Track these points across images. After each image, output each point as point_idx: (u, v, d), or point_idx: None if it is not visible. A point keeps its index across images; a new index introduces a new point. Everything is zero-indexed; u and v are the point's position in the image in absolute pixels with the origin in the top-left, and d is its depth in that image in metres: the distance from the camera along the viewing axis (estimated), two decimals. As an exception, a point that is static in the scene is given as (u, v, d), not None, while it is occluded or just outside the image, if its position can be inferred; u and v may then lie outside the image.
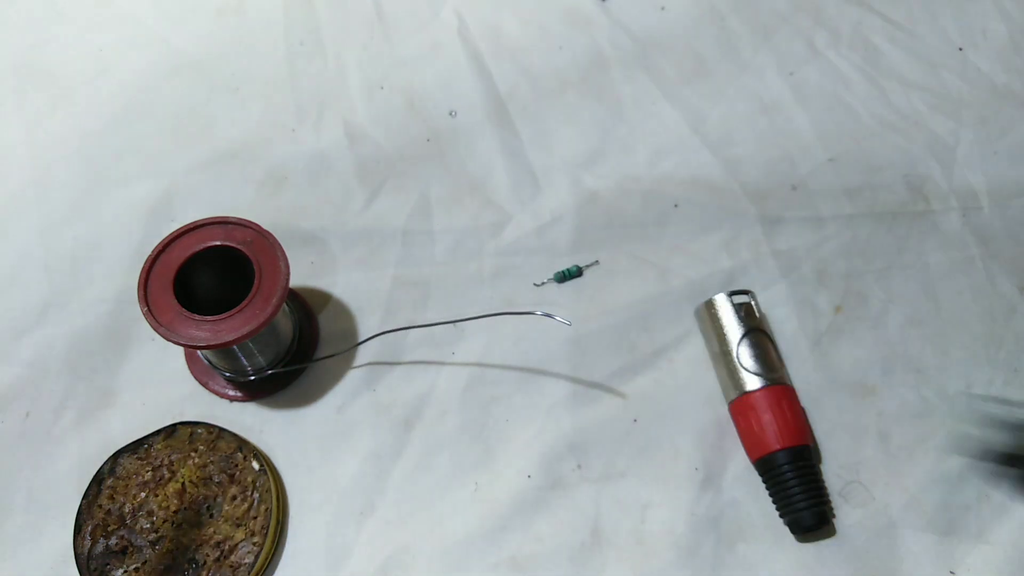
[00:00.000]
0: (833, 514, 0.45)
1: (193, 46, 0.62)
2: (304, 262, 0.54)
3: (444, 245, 0.54)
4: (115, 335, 0.51)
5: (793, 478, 0.44)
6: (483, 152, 0.58)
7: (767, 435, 0.45)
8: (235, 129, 0.59)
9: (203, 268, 0.45)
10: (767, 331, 0.48)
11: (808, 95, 0.60)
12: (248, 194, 0.56)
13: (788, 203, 0.56)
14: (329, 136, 0.58)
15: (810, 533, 0.45)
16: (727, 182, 0.57)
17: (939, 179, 0.57)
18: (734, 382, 0.47)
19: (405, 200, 0.56)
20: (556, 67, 0.61)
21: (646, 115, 0.59)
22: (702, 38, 0.63)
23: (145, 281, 0.44)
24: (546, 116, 0.59)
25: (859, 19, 0.63)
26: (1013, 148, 0.58)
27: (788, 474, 0.44)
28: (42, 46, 0.62)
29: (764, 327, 0.48)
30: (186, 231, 0.45)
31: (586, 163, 0.57)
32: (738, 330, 0.48)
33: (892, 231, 0.55)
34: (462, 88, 0.60)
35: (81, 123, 0.59)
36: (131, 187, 0.56)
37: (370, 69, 0.61)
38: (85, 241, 0.55)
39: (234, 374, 0.49)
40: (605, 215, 0.55)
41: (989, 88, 0.60)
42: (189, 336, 0.43)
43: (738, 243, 0.54)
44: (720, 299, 0.49)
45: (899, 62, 0.61)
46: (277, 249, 0.45)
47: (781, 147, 0.58)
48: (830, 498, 0.46)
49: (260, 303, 0.43)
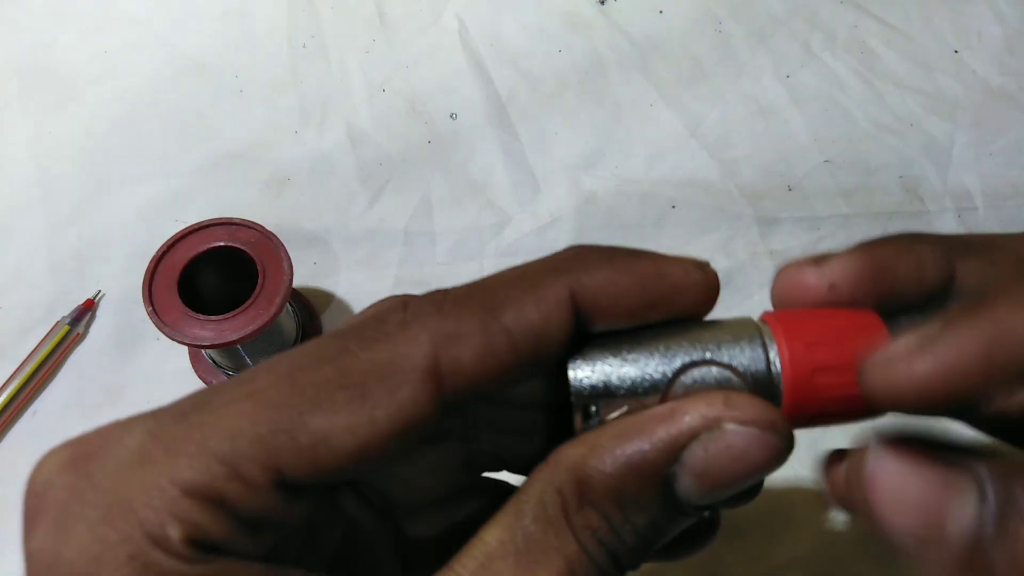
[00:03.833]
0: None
1: (198, 49, 0.63)
2: (307, 262, 0.54)
3: (445, 246, 0.55)
4: (120, 334, 0.52)
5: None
6: (483, 154, 0.59)
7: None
8: (239, 131, 0.59)
9: (207, 268, 0.46)
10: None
11: (804, 97, 0.61)
12: (252, 195, 0.57)
13: (784, 204, 0.56)
14: (332, 138, 0.59)
15: None
16: (724, 183, 0.57)
17: (934, 180, 0.57)
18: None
19: (407, 201, 0.57)
20: (555, 70, 0.62)
21: (644, 118, 0.60)
22: (699, 41, 0.63)
23: (150, 281, 0.44)
24: (545, 118, 0.60)
25: (855, 22, 0.64)
26: (1008, 149, 0.59)
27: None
28: (47, 48, 0.63)
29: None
30: (191, 232, 0.46)
31: (585, 165, 0.58)
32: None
33: (888, 231, 0.55)
34: (463, 91, 0.61)
35: (86, 124, 0.60)
36: (136, 188, 0.57)
37: (372, 72, 0.62)
38: (90, 241, 0.55)
39: (238, 373, 0.49)
40: (603, 216, 0.56)
41: (984, 90, 0.61)
42: (193, 336, 0.43)
43: (735, 244, 0.55)
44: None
45: (894, 64, 0.62)
46: (280, 250, 0.45)
47: (777, 149, 0.58)
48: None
49: (264, 303, 0.44)
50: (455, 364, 0.19)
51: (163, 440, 0.18)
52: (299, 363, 0.19)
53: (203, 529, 0.17)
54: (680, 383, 0.20)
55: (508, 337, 0.19)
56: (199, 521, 0.17)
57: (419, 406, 0.19)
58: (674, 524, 0.20)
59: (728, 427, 0.19)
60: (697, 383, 0.21)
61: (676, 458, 0.19)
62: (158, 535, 0.17)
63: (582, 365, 0.21)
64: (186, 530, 0.17)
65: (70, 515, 0.18)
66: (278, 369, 0.19)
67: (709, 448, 0.19)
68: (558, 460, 0.20)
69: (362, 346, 0.19)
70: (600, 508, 0.19)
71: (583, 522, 0.19)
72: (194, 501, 0.17)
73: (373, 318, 0.20)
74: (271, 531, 0.19)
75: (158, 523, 0.17)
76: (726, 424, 0.19)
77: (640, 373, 0.21)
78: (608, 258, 0.21)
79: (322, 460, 0.18)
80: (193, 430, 0.18)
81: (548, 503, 0.19)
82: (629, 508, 0.19)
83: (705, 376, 0.20)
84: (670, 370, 0.20)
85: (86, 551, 0.17)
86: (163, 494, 0.17)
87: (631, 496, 0.19)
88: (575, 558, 0.19)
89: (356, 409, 0.18)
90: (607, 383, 0.21)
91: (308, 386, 0.18)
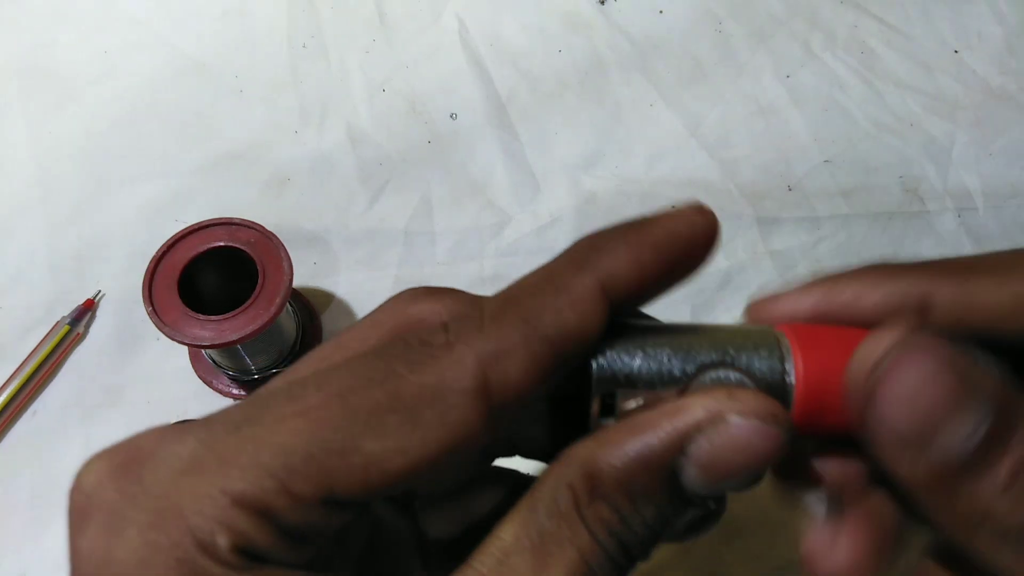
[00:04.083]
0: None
1: (198, 49, 0.63)
2: (307, 262, 0.54)
3: (445, 246, 0.55)
4: (120, 335, 0.52)
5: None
6: (483, 154, 0.59)
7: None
8: (239, 131, 0.59)
9: (207, 268, 0.46)
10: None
11: (804, 97, 0.61)
12: (252, 195, 0.57)
13: (784, 204, 0.56)
14: (332, 138, 0.59)
15: None
16: (724, 184, 0.57)
17: (934, 180, 0.57)
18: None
19: (407, 201, 0.57)
20: (555, 70, 0.62)
21: (644, 118, 0.60)
22: (699, 41, 0.63)
23: (150, 281, 0.44)
24: (545, 118, 0.60)
25: (855, 22, 0.64)
26: (1008, 149, 0.59)
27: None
28: (47, 48, 0.63)
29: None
30: (191, 232, 0.46)
31: (585, 165, 0.58)
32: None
33: (887, 231, 0.55)
34: (463, 91, 0.61)
35: (86, 124, 0.60)
36: (136, 188, 0.57)
37: (372, 72, 0.62)
38: (90, 241, 0.55)
39: (238, 373, 0.50)
40: (603, 216, 0.56)
41: (984, 90, 0.61)
42: (193, 335, 0.43)
43: (735, 244, 0.55)
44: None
45: (894, 64, 0.62)
46: (280, 250, 0.45)
47: (777, 149, 0.59)
48: None
49: (263, 303, 0.44)
50: (503, 381, 0.19)
51: (215, 450, 0.19)
52: (349, 384, 0.19)
53: (250, 539, 0.18)
54: (698, 382, 0.21)
55: (550, 346, 0.20)
56: (246, 531, 0.18)
57: (469, 426, 0.19)
58: (681, 514, 0.21)
59: (731, 419, 0.20)
60: (714, 383, 0.21)
61: (682, 451, 0.20)
62: (207, 542, 0.18)
63: (607, 355, 0.21)
64: (234, 539, 0.18)
65: (121, 517, 0.18)
66: (328, 388, 0.19)
67: (714, 440, 0.20)
68: (570, 457, 0.20)
69: (410, 369, 0.19)
70: (610, 501, 0.20)
71: (594, 515, 0.20)
72: (243, 511, 0.18)
73: (416, 339, 0.20)
74: (313, 542, 0.19)
75: (207, 531, 0.18)
76: (729, 417, 0.20)
77: (660, 368, 0.21)
78: (622, 239, 0.21)
79: (373, 480, 0.19)
80: (245, 443, 0.19)
81: (560, 498, 0.20)
82: (638, 500, 0.20)
83: (722, 378, 0.21)
84: (690, 368, 0.21)
85: (136, 553, 0.18)
86: (214, 503, 0.18)
87: (640, 489, 0.20)
88: (588, 549, 0.19)
89: (408, 432, 0.19)
90: (629, 375, 0.21)
91: (360, 409, 0.19)
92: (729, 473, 0.20)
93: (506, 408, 0.20)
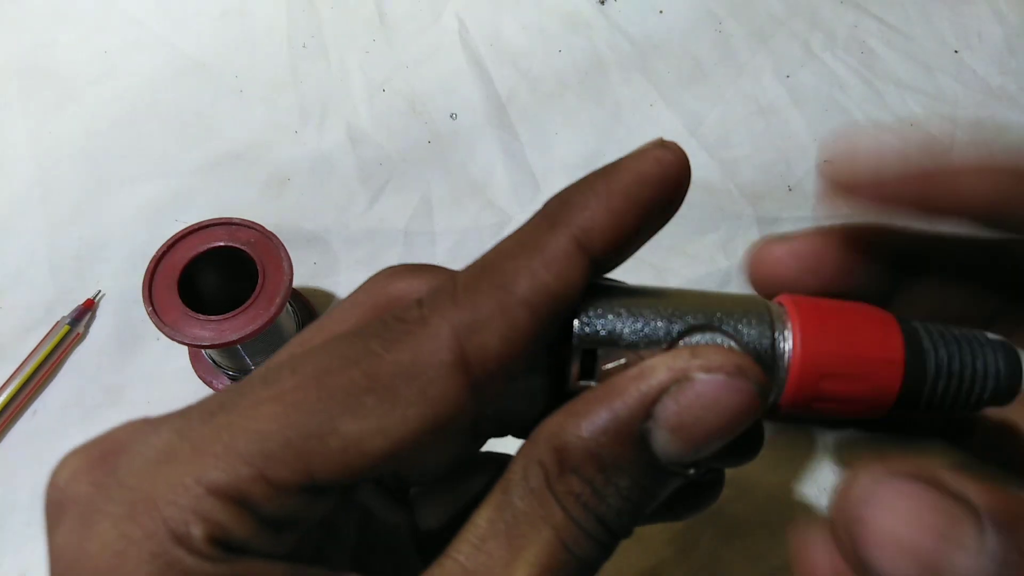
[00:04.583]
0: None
1: (198, 49, 0.63)
2: (307, 263, 0.54)
3: (445, 246, 0.55)
4: (120, 335, 0.52)
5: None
6: (483, 154, 0.59)
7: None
8: (239, 131, 0.59)
9: (207, 268, 0.46)
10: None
11: (804, 97, 0.61)
12: (252, 195, 0.57)
13: (784, 204, 0.56)
14: (332, 138, 0.59)
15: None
16: (724, 183, 0.57)
17: (934, 180, 0.57)
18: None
19: (407, 201, 0.57)
20: (555, 70, 0.62)
21: (644, 117, 0.60)
22: (699, 41, 0.63)
23: (150, 281, 0.44)
24: (545, 118, 0.60)
25: (855, 22, 0.64)
26: (1007, 150, 0.59)
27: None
28: (47, 48, 0.63)
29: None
30: (190, 232, 0.46)
31: (585, 165, 0.58)
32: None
33: (887, 232, 0.55)
34: (463, 91, 0.61)
35: (86, 124, 0.60)
36: (136, 188, 0.57)
37: (372, 72, 0.62)
38: (90, 241, 0.55)
39: (238, 373, 0.50)
40: (604, 216, 0.56)
41: (984, 90, 0.61)
42: (193, 336, 0.43)
43: (735, 244, 0.55)
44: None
45: (894, 64, 0.62)
46: (280, 250, 0.45)
47: (777, 149, 0.59)
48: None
49: (264, 303, 0.44)
50: (482, 352, 0.19)
51: (190, 439, 0.18)
52: (324, 365, 0.19)
53: (226, 528, 0.18)
54: (683, 344, 0.20)
55: (528, 309, 0.19)
56: (222, 520, 0.17)
57: (451, 400, 0.19)
58: (660, 485, 0.20)
59: (696, 376, 0.19)
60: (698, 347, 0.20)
61: (649, 414, 0.19)
62: (181, 533, 0.17)
63: (588, 314, 0.20)
64: (209, 529, 0.17)
65: (94, 511, 0.18)
66: (304, 370, 0.19)
67: (680, 400, 0.19)
68: (539, 433, 0.20)
69: (386, 347, 0.19)
70: (581, 473, 0.19)
71: (565, 488, 0.19)
72: (218, 501, 0.17)
73: (391, 316, 0.19)
74: (294, 531, 0.19)
75: (182, 521, 0.17)
76: (694, 373, 0.19)
77: (644, 328, 0.20)
78: (591, 189, 0.20)
79: (354, 462, 0.18)
80: (220, 430, 0.18)
81: (531, 476, 0.19)
82: (610, 471, 0.19)
83: (708, 342, 0.20)
84: (675, 330, 0.20)
85: (110, 546, 0.17)
86: (188, 492, 0.17)
87: (611, 459, 0.19)
88: (562, 526, 0.19)
89: (387, 412, 0.18)
90: (611, 333, 0.20)
91: (336, 390, 0.18)
92: (701, 435, 0.19)
93: (489, 379, 0.19)
